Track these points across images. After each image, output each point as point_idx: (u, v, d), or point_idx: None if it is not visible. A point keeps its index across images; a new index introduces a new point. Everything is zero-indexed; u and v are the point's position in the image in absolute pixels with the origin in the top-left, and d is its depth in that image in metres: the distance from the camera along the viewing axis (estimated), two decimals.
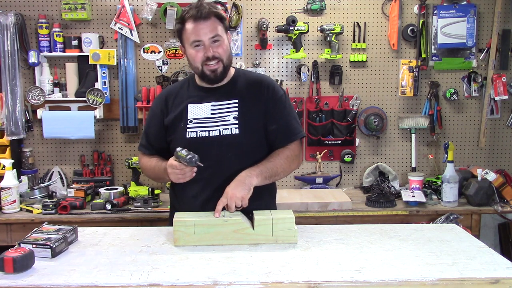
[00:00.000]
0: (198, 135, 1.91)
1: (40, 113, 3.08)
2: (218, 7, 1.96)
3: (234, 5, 3.13)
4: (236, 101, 1.94)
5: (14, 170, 2.85)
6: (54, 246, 1.60)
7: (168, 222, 2.05)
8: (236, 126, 1.90)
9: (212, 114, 1.93)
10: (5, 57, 3.00)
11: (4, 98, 3.03)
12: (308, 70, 3.23)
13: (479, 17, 3.25)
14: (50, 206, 2.76)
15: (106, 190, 2.99)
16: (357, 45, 3.27)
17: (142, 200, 2.87)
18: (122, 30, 3.12)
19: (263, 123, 1.95)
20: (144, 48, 3.21)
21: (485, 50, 3.27)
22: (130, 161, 3.07)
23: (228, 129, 1.90)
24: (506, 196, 2.93)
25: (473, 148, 3.39)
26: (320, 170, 3.30)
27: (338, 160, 3.33)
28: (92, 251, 1.68)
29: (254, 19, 3.24)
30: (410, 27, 3.24)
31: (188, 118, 1.94)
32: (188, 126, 1.93)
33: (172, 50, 3.20)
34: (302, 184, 3.30)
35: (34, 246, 1.59)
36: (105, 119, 3.24)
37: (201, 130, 1.91)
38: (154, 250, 1.69)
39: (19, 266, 1.46)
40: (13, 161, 2.88)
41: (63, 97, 3.14)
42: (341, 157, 3.31)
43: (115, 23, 3.12)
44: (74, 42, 3.10)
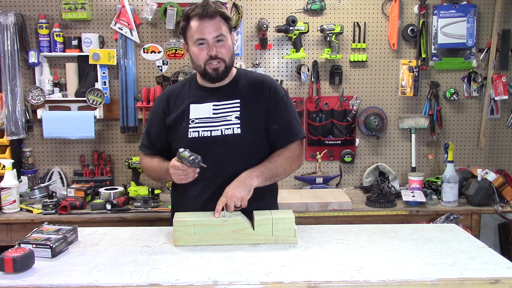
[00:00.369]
0: (200, 135, 1.91)
1: (40, 113, 3.08)
2: (224, 7, 1.95)
3: (234, 5, 3.13)
4: (238, 101, 1.94)
5: (14, 170, 2.85)
6: (54, 246, 1.60)
7: (169, 222, 2.04)
8: (238, 126, 1.90)
9: (214, 114, 1.93)
10: (5, 57, 3.00)
11: (4, 98, 3.03)
12: (308, 70, 3.23)
13: (479, 17, 3.25)
14: (50, 206, 2.76)
15: (106, 190, 2.99)
16: (357, 45, 3.27)
17: (142, 200, 2.87)
18: (122, 30, 3.12)
19: (265, 123, 1.95)
20: (144, 48, 3.21)
21: (485, 50, 3.27)
22: (130, 161, 3.07)
23: (230, 128, 1.90)
24: (506, 196, 2.93)
25: (473, 148, 3.39)
26: (320, 170, 3.30)
27: (338, 160, 3.34)
28: (92, 251, 1.68)
29: (254, 19, 3.24)
30: (410, 27, 3.24)
31: (190, 118, 1.94)
32: (190, 126, 1.93)
33: (172, 50, 3.20)
34: (302, 184, 3.30)
35: (34, 246, 1.59)
36: (105, 119, 3.24)
37: (203, 130, 1.91)
38: (154, 250, 1.69)
39: (19, 266, 1.46)
40: (13, 161, 2.88)
41: (63, 97, 3.14)
42: (341, 157, 3.31)
43: (115, 23, 3.12)
44: (74, 42, 3.10)
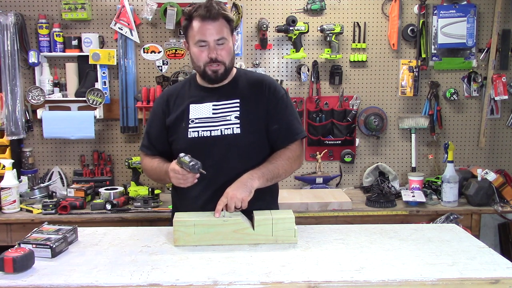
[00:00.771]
0: (200, 135, 1.91)
1: (40, 113, 3.08)
2: (227, 9, 1.95)
3: (234, 5, 3.13)
4: (237, 100, 1.94)
5: (14, 170, 2.85)
6: (54, 246, 1.60)
7: (169, 222, 2.04)
8: (237, 125, 1.90)
9: (213, 114, 1.93)
10: (5, 57, 3.00)
11: (4, 98, 3.03)
12: (308, 70, 3.23)
13: (479, 17, 3.25)
14: (50, 206, 2.76)
15: (106, 190, 2.99)
16: (357, 45, 3.27)
17: (142, 200, 2.87)
18: (122, 30, 3.12)
19: (265, 123, 1.95)
20: (144, 48, 3.20)
21: (485, 50, 3.27)
22: (130, 161, 3.07)
23: (229, 128, 1.90)
24: (506, 196, 2.93)
25: (473, 148, 3.39)
26: (320, 170, 3.30)
27: (338, 160, 3.33)
28: (92, 251, 1.68)
29: (254, 19, 3.24)
30: (410, 27, 3.24)
31: (189, 118, 1.94)
32: (189, 126, 1.93)
33: (172, 50, 3.20)
34: (302, 184, 3.30)
35: (34, 246, 1.59)
36: (105, 119, 3.24)
37: (202, 130, 1.91)
38: (154, 250, 1.69)
39: (19, 266, 1.46)
40: (13, 161, 2.88)
41: (63, 97, 3.14)
42: (341, 157, 3.31)
43: (115, 23, 3.12)
44: (74, 42, 3.10)
